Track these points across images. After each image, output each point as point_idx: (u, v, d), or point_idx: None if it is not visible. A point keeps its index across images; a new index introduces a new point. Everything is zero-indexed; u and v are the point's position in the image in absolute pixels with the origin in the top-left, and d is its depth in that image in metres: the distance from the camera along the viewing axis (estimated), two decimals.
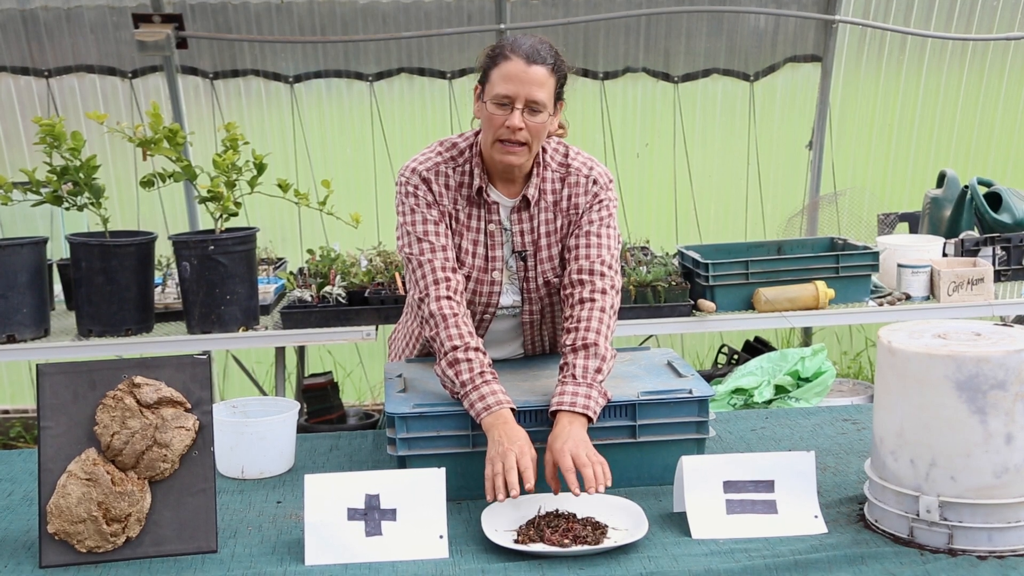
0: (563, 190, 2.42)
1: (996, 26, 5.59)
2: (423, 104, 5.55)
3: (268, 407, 2.45)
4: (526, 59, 2.24)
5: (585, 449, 2.06)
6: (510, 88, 2.24)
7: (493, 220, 2.41)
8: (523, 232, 2.42)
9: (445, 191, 2.39)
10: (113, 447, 1.93)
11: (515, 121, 2.25)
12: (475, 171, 2.38)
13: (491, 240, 2.41)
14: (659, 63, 5.61)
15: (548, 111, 2.28)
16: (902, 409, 1.88)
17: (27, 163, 4.45)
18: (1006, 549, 1.83)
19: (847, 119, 5.82)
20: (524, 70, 2.24)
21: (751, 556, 1.85)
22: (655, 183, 5.82)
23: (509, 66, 2.25)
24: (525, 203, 2.41)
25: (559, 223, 2.42)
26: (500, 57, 2.27)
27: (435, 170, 2.39)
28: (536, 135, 2.29)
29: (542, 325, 2.53)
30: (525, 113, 2.25)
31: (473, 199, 2.40)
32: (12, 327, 3.85)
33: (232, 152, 3.75)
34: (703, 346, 5.83)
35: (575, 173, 2.42)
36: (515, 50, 2.26)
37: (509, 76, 2.24)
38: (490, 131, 2.30)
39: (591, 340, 2.24)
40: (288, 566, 1.87)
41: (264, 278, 4.44)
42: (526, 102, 2.24)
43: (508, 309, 2.47)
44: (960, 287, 4.14)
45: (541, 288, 2.44)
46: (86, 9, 5.18)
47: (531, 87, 2.23)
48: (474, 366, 2.20)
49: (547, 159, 2.43)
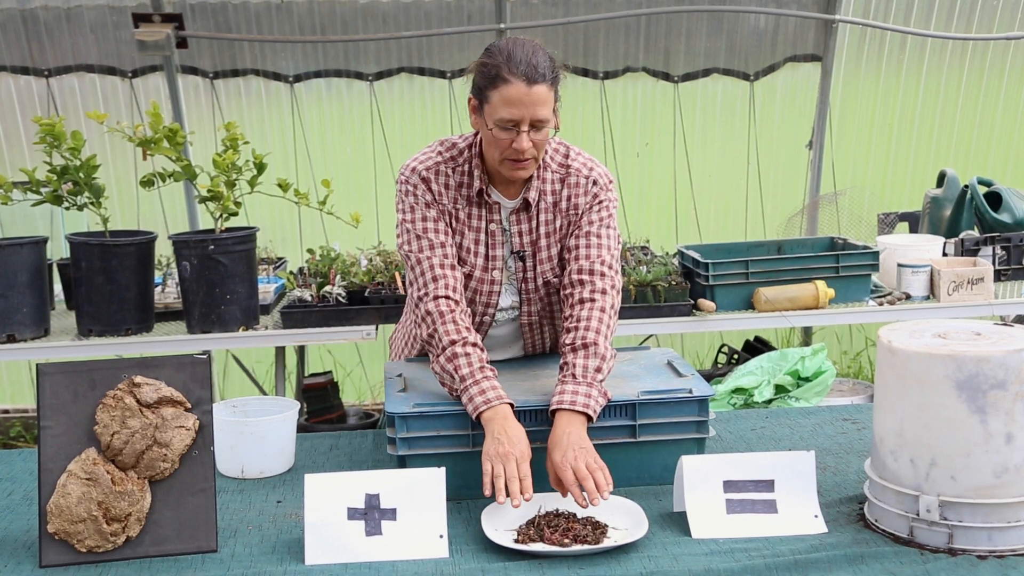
0: (563, 191, 2.41)
1: (996, 26, 5.59)
2: (423, 104, 5.55)
3: (268, 407, 2.45)
4: (527, 80, 2.20)
5: (584, 458, 2.05)
6: (514, 112, 2.22)
7: (494, 220, 2.41)
8: (522, 233, 2.42)
9: (444, 191, 2.39)
10: (113, 447, 1.93)
11: (523, 145, 2.24)
12: (475, 172, 2.38)
13: (492, 239, 2.41)
14: (659, 63, 5.61)
15: (551, 121, 2.28)
16: (902, 409, 1.88)
17: (27, 163, 4.45)
18: (1006, 549, 1.83)
19: (847, 119, 5.82)
20: (526, 93, 2.20)
21: (751, 556, 1.85)
22: (655, 183, 5.82)
23: (510, 90, 2.21)
24: (525, 205, 2.41)
25: (558, 223, 2.42)
26: (499, 80, 2.22)
27: (435, 169, 2.39)
28: (541, 147, 2.30)
29: (542, 327, 2.53)
30: (530, 132, 2.24)
31: (473, 199, 2.40)
32: (12, 327, 3.85)
33: (232, 152, 3.75)
34: (703, 346, 5.83)
35: (575, 174, 2.42)
36: (513, 71, 2.21)
37: (511, 101, 2.21)
38: (496, 150, 2.29)
39: (591, 339, 2.24)
40: (288, 566, 1.87)
41: (264, 278, 4.44)
42: (531, 122, 2.23)
43: (507, 311, 2.48)
44: (960, 287, 4.14)
45: (540, 288, 2.44)
46: (86, 9, 5.18)
47: (535, 108, 2.22)
48: (472, 361, 2.20)
49: (547, 160, 2.42)
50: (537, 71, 2.22)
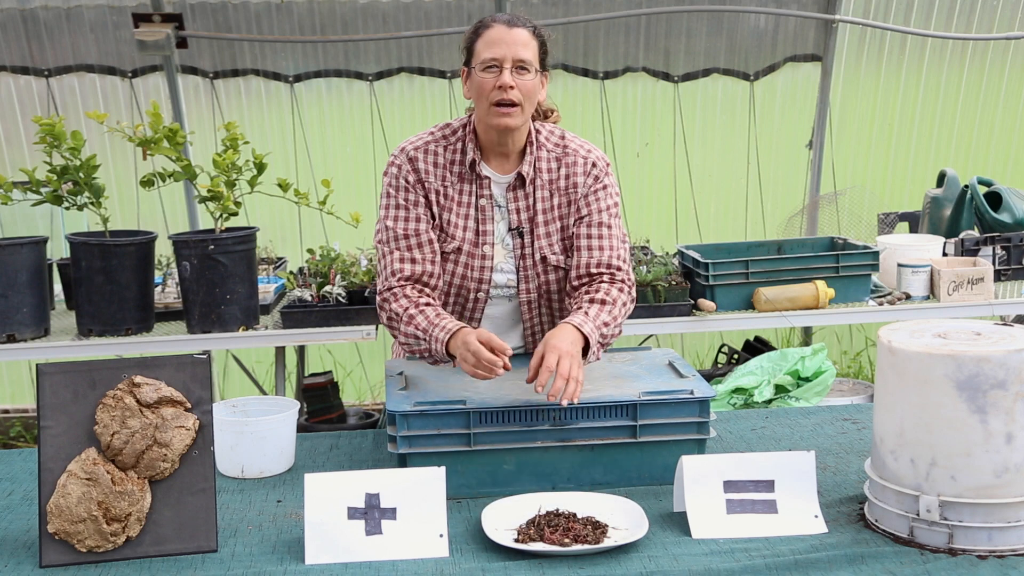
0: (560, 169, 2.48)
1: (996, 26, 5.59)
2: (423, 103, 5.55)
3: (268, 406, 2.45)
4: (507, 24, 2.36)
5: (572, 364, 2.14)
6: (496, 51, 2.34)
7: (484, 195, 2.46)
8: (519, 210, 2.47)
9: (432, 168, 2.46)
10: (113, 447, 1.93)
11: (506, 79, 2.33)
12: (468, 146, 2.45)
13: (483, 215, 2.46)
14: (659, 63, 5.62)
15: (536, 71, 2.37)
16: (902, 408, 1.87)
17: (27, 163, 4.45)
18: (1006, 549, 1.83)
19: (847, 119, 5.82)
20: (507, 32, 2.35)
21: (751, 556, 1.85)
22: (655, 183, 5.82)
23: (491, 33, 2.36)
24: (520, 181, 2.46)
25: (556, 201, 2.47)
26: (482, 28, 2.39)
27: (424, 148, 2.47)
28: (527, 95, 2.37)
29: (540, 306, 2.55)
30: (514, 73, 2.33)
31: (465, 175, 2.46)
32: (12, 326, 3.85)
33: (232, 152, 3.75)
34: (703, 345, 5.83)
35: (572, 154, 2.49)
36: (495, 19, 2.39)
37: (493, 41, 2.35)
38: (483, 99, 2.37)
39: (609, 299, 2.37)
40: (288, 565, 1.87)
41: (264, 278, 4.45)
42: (513, 62, 2.33)
43: (503, 289, 2.51)
44: (960, 287, 4.15)
45: (538, 265, 2.48)
46: (86, 9, 5.18)
47: (516, 47, 2.34)
48: (428, 314, 2.35)
49: (542, 140, 2.49)
50: (518, 19, 2.40)
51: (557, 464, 2.17)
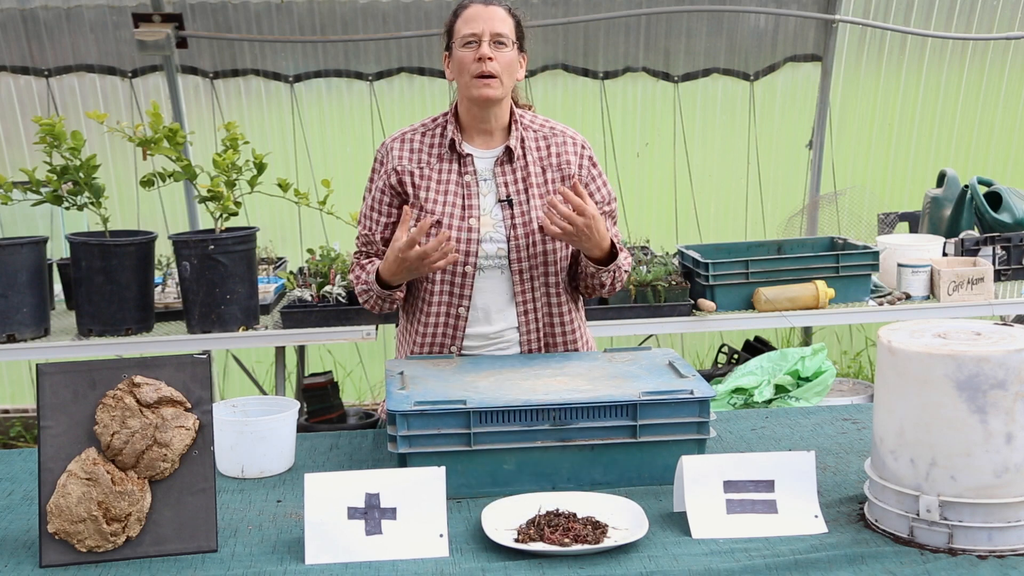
0: (549, 147, 2.60)
1: (996, 26, 5.59)
2: (423, 103, 5.55)
3: (268, 406, 2.45)
4: (484, 2, 2.50)
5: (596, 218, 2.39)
6: (475, 26, 2.46)
7: (468, 171, 2.55)
8: (507, 183, 2.56)
9: (408, 154, 2.58)
10: (113, 447, 1.93)
11: (484, 50, 2.46)
12: (449, 128, 2.56)
13: (468, 190, 2.55)
14: (659, 63, 5.62)
15: (513, 46, 2.48)
16: (902, 409, 1.87)
17: (27, 163, 4.45)
18: (1006, 549, 1.83)
19: (847, 119, 5.82)
20: (484, 9, 2.49)
21: (751, 556, 1.85)
22: (655, 183, 5.83)
23: (469, 11, 2.49)
24: (508, 155, 2.56)
25: (548, 176, 2.58)
26: (460, 9, 2.52)
27: (401, 138, 2.61)
28: (506, 68, 2.48)
29: (533, 279, 2.57)
30: (492, 46, 2.45)
31: (444, 156, 2.56)
32: (12, 326, 3.85)
33: (232, 152, 3.75)
34: (703, 346, 5.83)
35: (560, 134, 2.62)
36: (472, 0, 2.52)
37: (470, 18, 2.48)
38: (464, 73, 2.48)
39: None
40: (288, 565, 1.87)
41: (264, 278, 4.45)
42: (491, 36, 2.45)
43: (494, 259, 2.55)
44: (960, 287, 4.15)
45: (531, 235, 2.54)
46: (86, 9, 5.18)
47: (493, 22, 2.46)
48: (369, 268, 2.56)
49: (526, 122, 2.61)
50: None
51: (557, 464, 2.17)
